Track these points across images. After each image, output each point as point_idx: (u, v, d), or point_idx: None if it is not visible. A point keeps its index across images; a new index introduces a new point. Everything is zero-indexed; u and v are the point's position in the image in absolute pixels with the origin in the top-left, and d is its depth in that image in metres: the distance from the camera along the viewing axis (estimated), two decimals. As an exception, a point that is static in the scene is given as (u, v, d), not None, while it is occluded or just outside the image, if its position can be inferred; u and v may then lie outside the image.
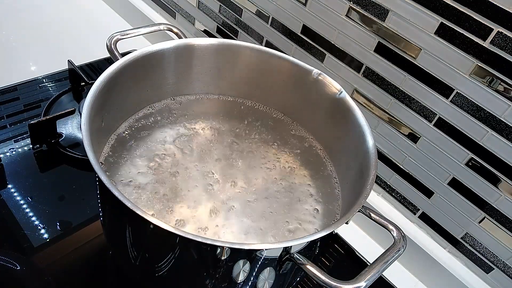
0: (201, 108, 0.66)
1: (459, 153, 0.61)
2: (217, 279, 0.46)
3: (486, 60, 0.54)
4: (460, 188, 0.63)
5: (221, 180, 0.57)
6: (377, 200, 0.74)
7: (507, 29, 0.51)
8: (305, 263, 0.41)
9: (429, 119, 0.63)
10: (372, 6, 0.62)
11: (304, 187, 0.58)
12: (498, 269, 0.63)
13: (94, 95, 0.49)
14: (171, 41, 0.60)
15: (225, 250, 0.41)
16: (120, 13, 1.13)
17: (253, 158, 0.60)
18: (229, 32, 0.89)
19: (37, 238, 0.60)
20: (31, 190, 0.66)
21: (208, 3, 0.90)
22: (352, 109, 0.56)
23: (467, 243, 0.65)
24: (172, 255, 0.44)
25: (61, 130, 0.74)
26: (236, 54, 0.63)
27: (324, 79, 0.60)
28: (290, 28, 0.76)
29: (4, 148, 0.70)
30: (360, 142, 0.54)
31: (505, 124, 0.55)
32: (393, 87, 0.65)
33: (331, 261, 0.68)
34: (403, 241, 0.45)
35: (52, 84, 0.84)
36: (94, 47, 0.94)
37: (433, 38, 0.58)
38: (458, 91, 0.58)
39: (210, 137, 0.62)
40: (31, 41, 0.98)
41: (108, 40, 0.59)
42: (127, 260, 0.50)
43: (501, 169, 0.58)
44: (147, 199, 0.52)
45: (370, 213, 0.47)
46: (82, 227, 0.63)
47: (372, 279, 0.41)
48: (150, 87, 0.62)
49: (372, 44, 0.65)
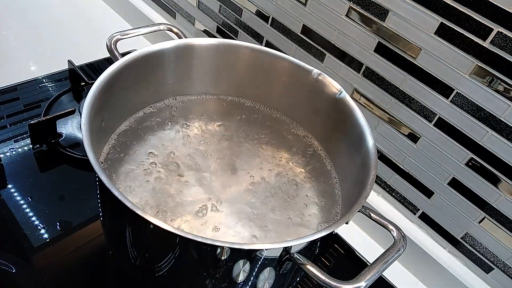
0: (201, 108, 0.66)
1: (459, 153, 0.61)
2: (217, 279, 0.46)
3: (486, 60, 0.54)
4: (460, 188, 0.63)
5: (221, 179, 0.57)
6: (377, 200, 0.74)
7: (507, 29, 0.51)
8: (305, 263, 0.41)
9: (429, 119, 0.63)
10: (372, 6, 0.62)
11: (304, 187, 0.58)
12: (498, 269, 0.63)
13: (94, 95, 0.49)
14: (171, 41, 0.60)
15: (225, 250, 0.41)
16: (120, 13, 1.13)
17: (253, 158, 0.60)
18: (229, 32, 0.89)
19: (37, 238, 0.60)
20: (31, 190, 0.66)
21: (208, 3, 0.90)
22: (352, 109, 0.56)
23: (467, 243, 0.65)
24: (172, 255, 0.44)
25: (61, 130, 0.74)
26: (236, 54, 0.63)
27: (324, 79, 0.60)
28: (290, 28, 0.76)
29: (4, 148, 0.70)
30: (360, 142, 0.54)
31: (505, 124, 0.55)
32: (393, 87, 0.65)
33: (331, 261, 0.68)
34: (403, 241, 0.45)
35: (52, 84, 0.84)
36: (94, 47, 0.94)
37: (433, 38, 0.58)
38: (458, 91, 0.58)
39: (210, 137, 0.62)
40: (31, 41, 0.98)
41: (108, 40, 0.59)
42: (127, 260, 0.50)
43: (501, 169, 0.58)
44: (147, 198, 0.52)
45: (370, 213, 0.47)
46: (82, 227, 0.63)
47: (372, 279, 0.41)
48: (150, 87, 0.62)
49: (372, 44, 0.65)
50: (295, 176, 0.60)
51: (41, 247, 0.60)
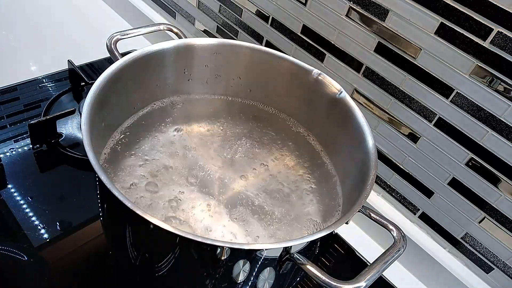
0: (201, 108, 0.66)
1: (459, 153, 0.61)
2: (217, 279, 0.46)
3: (486, 60, 0.54)
4: (460, 188, 0.63)
5: (222, 179, 0.57)
6: (377, 200, 0.74)
7: (507, 29, 0.51)
8: (305, 263, 0.41)
9: (429, 119, 0.63)
10: (372, 6, 0.62)
11: (304, 187, 0.58)
12: (498, 269, 0.63)
13: (94, 95, 0.49)
14: (171, 41, 0.60)
15: (225, 250, 0.41)
16: (120, 13, 1.13)
17: (253, 158, 0.60)
18: (229, 32, 0.89)
19: (37, 238, 0.60)
20: (31, 190, 0.66)
21: (208, 3, 0.90)
22: (352, 109, 0.56)
23: (467, 243, 0.65)
24: (172, 255, 0.44)
25: (61, 130, 0.74)
26: (236, 54, 0.63)
27: (324, 79, 0.60)
28: (290, 28, 0.76)
29: (4, 148, 0.70)
30: (360, 142, 0.54)
31: (505, 124, 0.55)
32: (393, 87, 0.65)
33: (331, 261, 0.68)
34: (403, 241, 0.45)
35: (52, 84, 0.84)
36: (94, 47, 0.94)
37: (433, 38, 0.58)
38: (458, 91, 0.58)
39: (210, 137, 0.62)
40: (31, 41, 0.98)
41: (108, 40, 0.59)
42: (127, 260, 0.50)
43: (501, 169, 0.58)
44: (147, 198, 0.52)
45: (370, 213, 0.47)
46: (82, 227, 0.63)
47: (372, 279, 0.41)
48: (150, 87, 0.62)
49: (372, 44, 0.65)
50: (295, 176, 0.60)
51: (41, 247, 0.60)
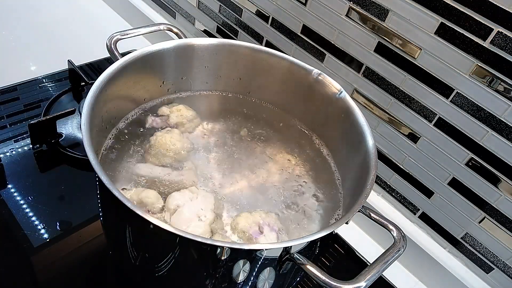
0: (201, 108, 0.66)
1: (459, 153, 0.61)
2: (217, 279, 0.46)
3: (486, 60, 0.54)
4: (460, 188, 0.63)
5: (222, 178, 0.57)
6: (377, 200, 0.74)
7: (507, 29, 0.51)
8: (305, 263, 0.41)
9: (429, 119, 0.63)
10: (372, 6, 0.62)
11: (304, 186, 0.58)
12: (498, 269, 0.63)
13: (94, 95, 0.49)
14: (171, 41, 0.60)
15: (225, 250, 0.41)
16: (120, 13, 1.13)
17: (254, 157, 0.60)
18: (229, 32, 0.89)
19: (37, 238, 0.60)
20: (31, 190, 0.66)
21: (208, 3, 0.90)
22: (352, 109, 0.56)
23: (467, 243, 0.65)
24: (172, 255, 0.44)
25: (61, 130, 0.74)
26: (236, 54, 0.63)
27: (324, 79, 0.60)
28: (290, 28, 0.76)
29: (4, 148, 0.70)
30: (360, 142, 0.54)
31: (505, 124, 0.55)
32: (393, 87, 0.65)
33: (331, 261, 0.68)
34: (403, 241, 0.45)
35: (52, 84, 0.84)
36: (94, 47, 0.94)
37: (433, 38, 0.58)
38: (458, 91, 0.58)
39: (210, 136, 0.62)
40: (31, 41, 0.98)
41: (108, 40, 0.59)
42: (127, 260, 0.50)
43: (501, 169, 0.58)
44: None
45: (370, 213, 0.47)
46: (82, 227, 0.63)
47: (372, 279, 0.41)
48: (150, 87, 0.62)
49: (372, 44, 0.65)
50: (296, 175, 0.60)
51: (41, 247, 0.60)
